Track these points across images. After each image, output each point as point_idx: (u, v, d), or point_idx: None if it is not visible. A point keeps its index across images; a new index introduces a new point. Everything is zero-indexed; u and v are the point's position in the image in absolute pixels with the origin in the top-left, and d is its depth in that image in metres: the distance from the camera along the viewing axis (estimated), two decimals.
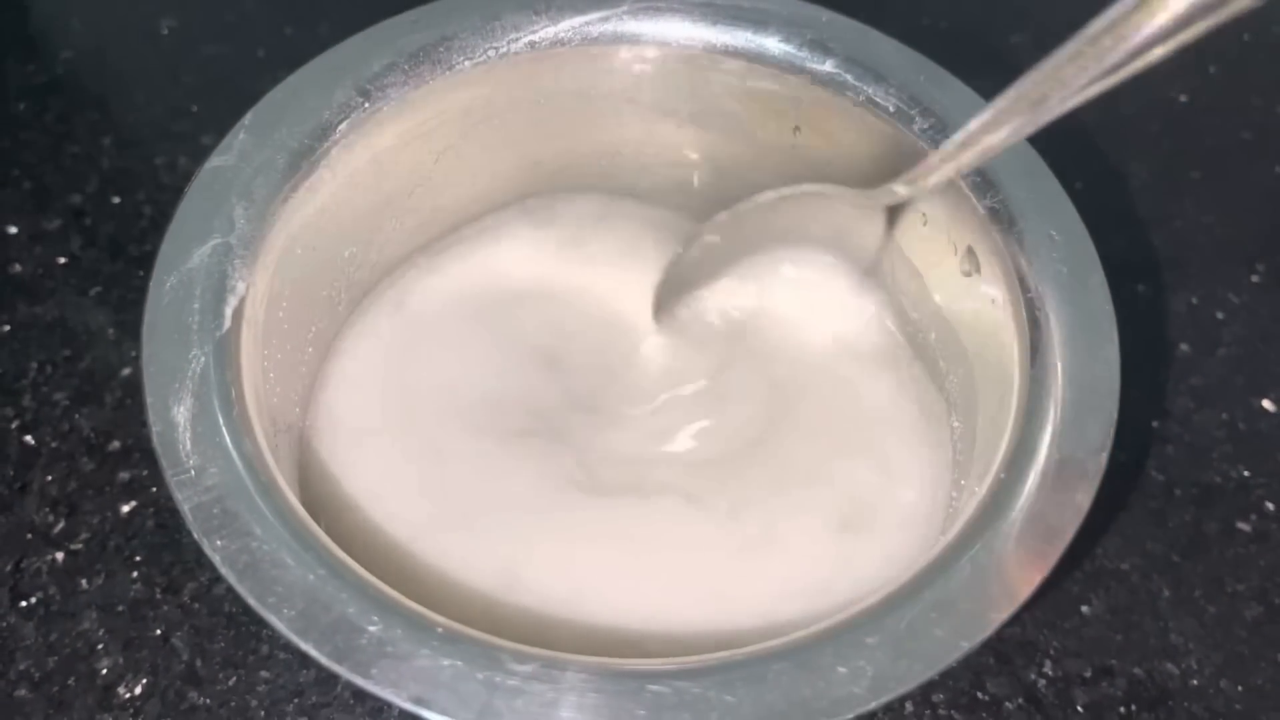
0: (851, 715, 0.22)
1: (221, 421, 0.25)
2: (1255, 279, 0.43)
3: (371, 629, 0.23)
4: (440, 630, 0.23)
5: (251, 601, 0.23)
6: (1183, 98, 0.48)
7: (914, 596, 0.24)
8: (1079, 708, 0.33)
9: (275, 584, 0.23)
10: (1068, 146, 0.46)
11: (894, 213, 0.33)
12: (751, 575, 0.30)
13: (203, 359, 0.26)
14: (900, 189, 0.32)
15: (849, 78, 0.33)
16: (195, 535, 0.24)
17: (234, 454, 0.25)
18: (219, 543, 0.24)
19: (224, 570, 0.23)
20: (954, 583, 0.24)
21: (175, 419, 0.25)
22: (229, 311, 0.27)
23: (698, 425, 0.34)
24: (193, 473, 0.25)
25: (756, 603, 0.29)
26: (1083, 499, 0.25)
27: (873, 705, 0.22)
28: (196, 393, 0.26)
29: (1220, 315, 0.42)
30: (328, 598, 0.23)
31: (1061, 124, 0.47)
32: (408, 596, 0.24)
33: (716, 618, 0.29)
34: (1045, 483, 0.25)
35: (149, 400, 0.26)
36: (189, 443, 0.25)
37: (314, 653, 0.22)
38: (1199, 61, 0.50)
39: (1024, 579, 0.24)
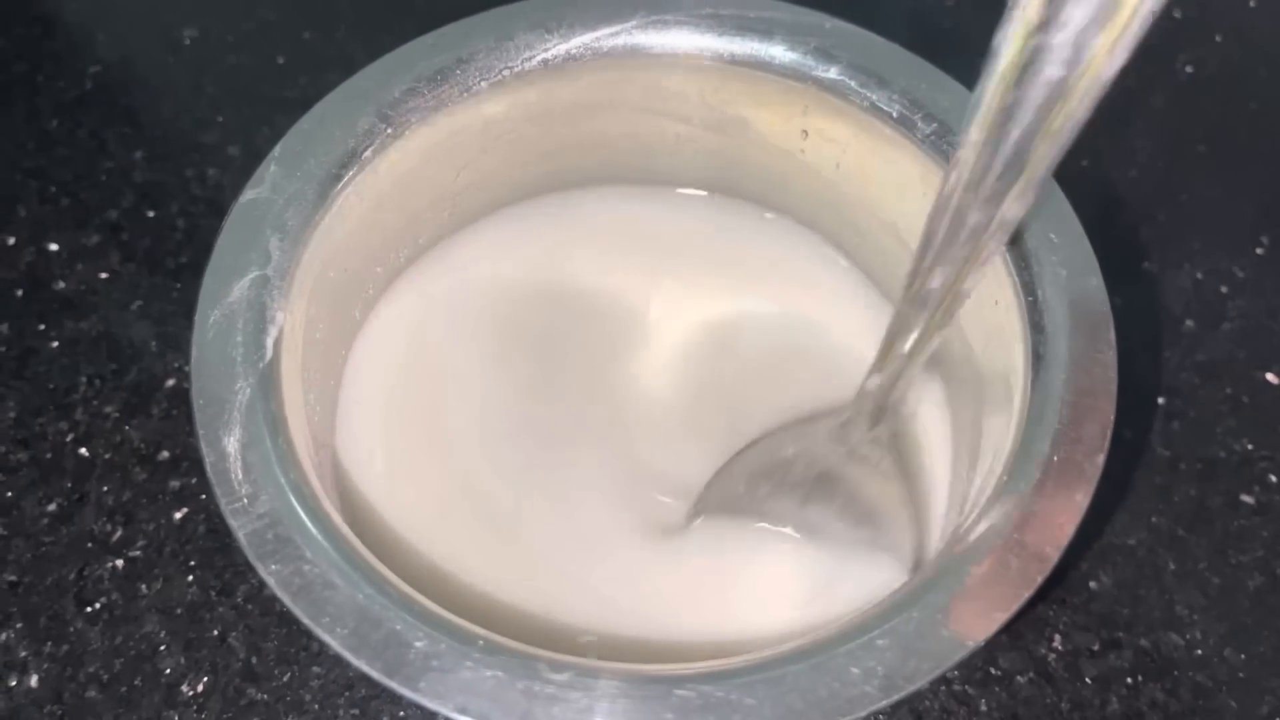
0: (865, 713, 0.24)
1: (270, 449, 0.27)
2: (1260, 252, 0.44)
3: (418, 644, 0.25)
4: (481, 643, 0.25)
5: (307, 622, 0.25)
6: (1188, 69, 0.49)
7: (920, 598, 0.25)
8: (1087, 679, 0.35)
9: (327, 604, 0.25)
10: None
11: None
12: (766, 571, 0.32)
13: (248, 390, 0.28)
14: (872, 382, 0.29)
15: (853, 84, 0.33)
16: (251, 560, 0.26)
17: (282, 481, 0.27)
18: (273, 567, 0.26)
19: (280, 593, 0.25)
20: (958, 584, 0.25)
21: (226, 449, 0.27)
22: (270, 342, 0.29)
23: (711, 433, 0.35)
24: (245, 500, 0.26)
25: (775, 599, 0.31)
26: (1081, 499, 0.26)
27: (884, 703, 0.24)
28: (244, 423, 0.27)
29: (1224, 289, 0.43)
30: (376, 616, 0.25)
31: None
32: (440, 603, 0.26)
33: (742, 620, 0.31)
34: (1045, 485, 0.27)
35: (200, 432, 0.27)
36: (240, 472, 0.27)
37: (366, 668, 0.24)
38: (1204, 31, 0.50)
39: (1025, 578, 0.25)
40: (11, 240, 0.44)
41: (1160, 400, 0.40)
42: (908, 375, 0.28)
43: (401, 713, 0.34)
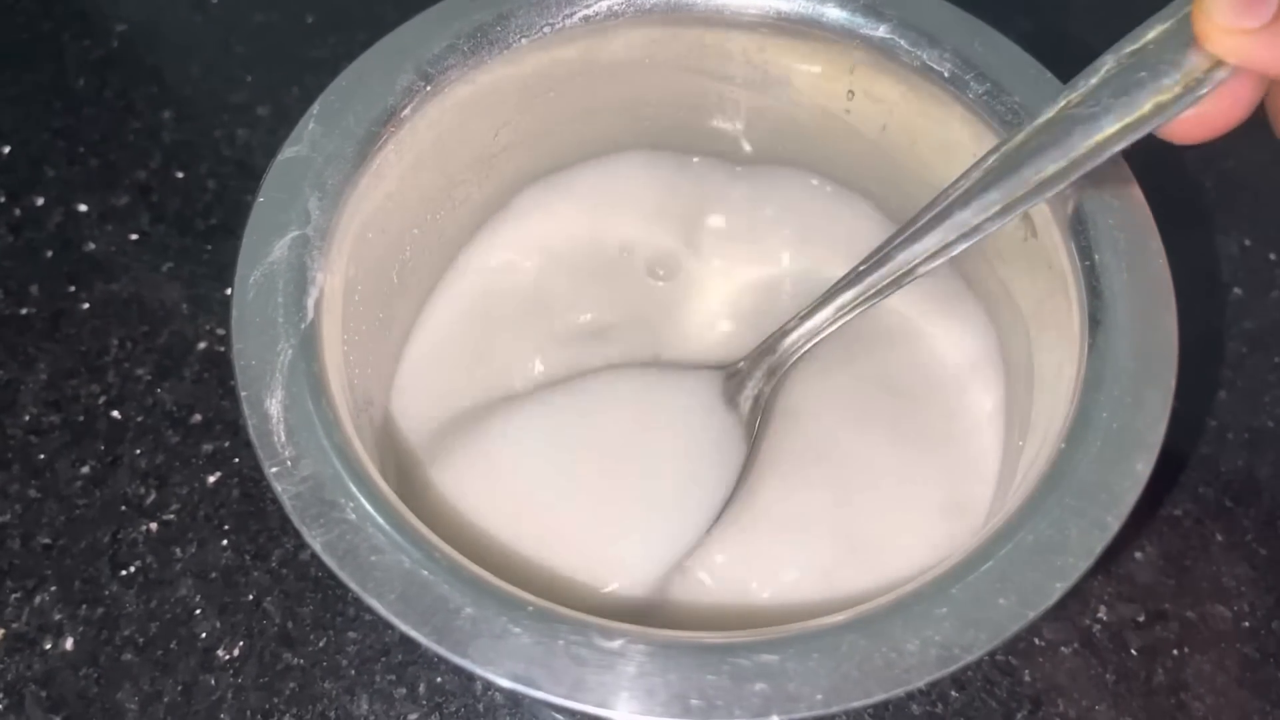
0: (922, 683, 0.23)
1: (313, 412, 0.27)
2: None
3: (467, 610, 0.24)
4: (531, 609, 0.24)
5: (354, 587, 0.24)
6: None
7: (979, 567, 0.25)
8: (1133, 651, 0.35)
9: (374, 569, 0.25)
10: None
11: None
12: (814, 539, 0.32)
13: (290, 352, 0.27)
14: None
15: (903, 43, 0.33)
16: (296, 524, 0.25)
17: (325, 444, 0.26)
18: (319, 531, 0.25)
19: (325, 558, 0.25)
20: (1017, 553, 0.25)
21: (269, 412, 0.27)
22: (311, 303, 0.28)
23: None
24: (289, 463, 0.26)
25: (823, 567, 0.31)
26: (1142, 469, 0.26)
27: (940, 674, 0.23)
28: (286, 385, 0.27)
29: (1273, 256, 0.42)
30: (423, 580, 0.25)
31: None
32: (490, 569, 0.26)
33: (792, 588, 0.30)
34: (1105, 453, 0.26)
35: (243, 394, 0.27)
36: (283, 434, 0.26)
37: (414, 634, 0.24)
38: None
39: (1085, 548, 0.25)
40: (40, 201, 0.43)
41: (1207, 370, 0.40)
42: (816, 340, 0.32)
43: (438, 679, 0.34)
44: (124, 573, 0.36)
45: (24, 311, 0.41)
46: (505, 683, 0.23)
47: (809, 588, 0.30)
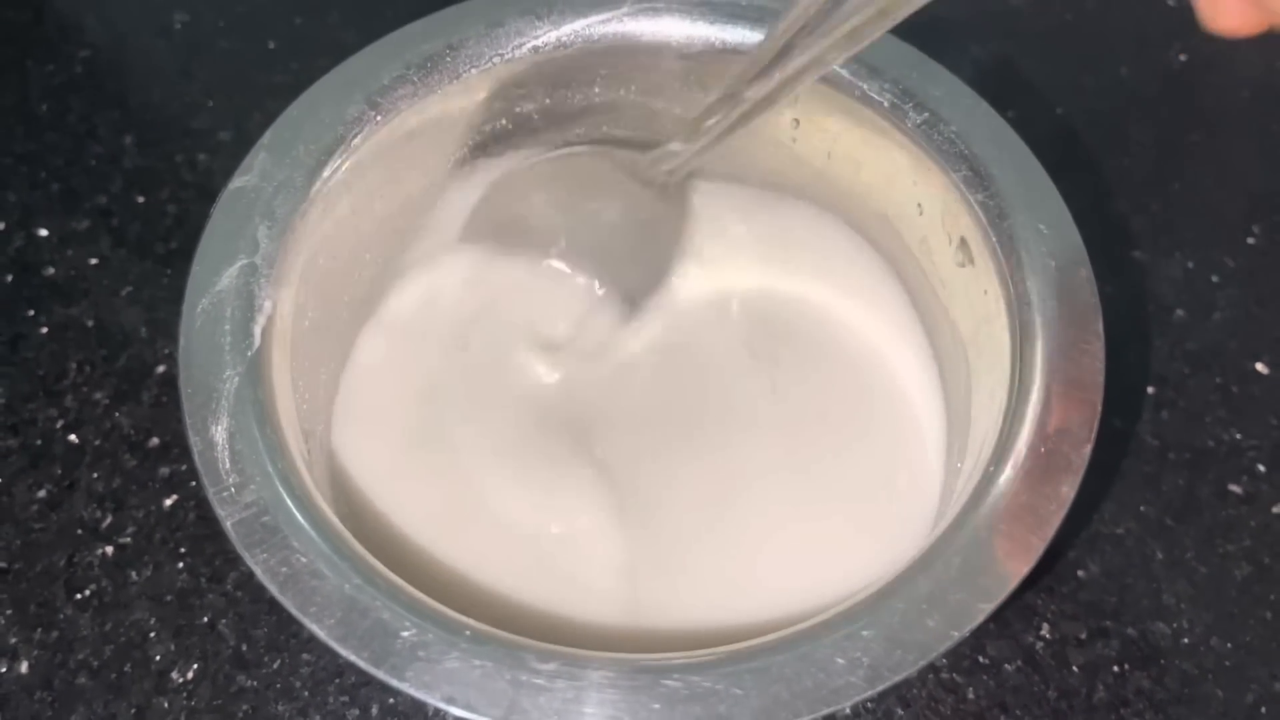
0: (850, 703, 0.24)
1: (258, 438, 0.27)
2: (1251, 241, 0.44)
3: (405, 634, 0.25)
4: (468, 633, 0.25)
5: (294, 611, 0.25)
6: (1181, 57, 0.49)
7: (906, 589, 0.25)
8: (1074, 668, 0.35)
9: (315, 594, 0.25)
10: (1066, 112, 0.47)
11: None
12: (761, 560, 0.32)
13: (236, 379, 0.28)
14: (676, 147, 0.34)
15: (844, 73, 0.33)
16: (238, 550, 0.26)
17: (270, 470, 0.27)
18: (261, 556, 0.26)
19: (267, 583, 0.25)
20: (944, 575, 0.25)
21: (214, 438, 0.27)
22: (258, 330, 0.29)
23: (707, 412, 0.35)
24: (233, 490, 0.26)
25: (769, 588, 0.31)
26: (1067, 491, 0.26)
27: (869, 693, 0.24)
28: (232, 412, 0.27)
29: (1215, 279, 0.43)
30: (364, 605, 0.25)
31: (1060, 89, 0.48)
32: (433, 593, 0.26)
33: (734, 608, 0.31)
34: (1032, 476, 0.27)
35: (188, 421, 0.27)
36: (228, 461, 0.27)
37: (353, 658, 0.24)
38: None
39: (1011, 569, 0.26)
40: (1, 225, 0.43)
41: (1150, 389, 0.40)
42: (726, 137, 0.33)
43: (391, 699, 0.35)
44: (79, 596, 0.36)
45: None
46: (442, 705, 0.24)
47: (747, 609, 0.31)
